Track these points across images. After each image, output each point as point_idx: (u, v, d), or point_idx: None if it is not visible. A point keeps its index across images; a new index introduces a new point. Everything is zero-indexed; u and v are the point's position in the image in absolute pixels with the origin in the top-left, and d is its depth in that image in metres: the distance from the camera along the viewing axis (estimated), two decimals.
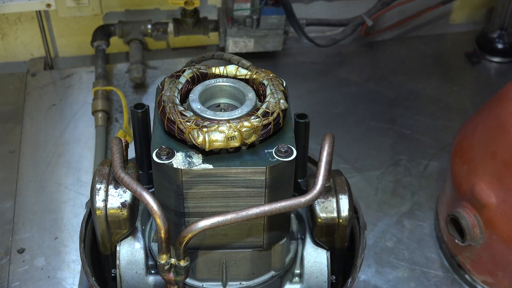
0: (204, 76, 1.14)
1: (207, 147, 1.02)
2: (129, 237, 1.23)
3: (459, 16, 2.54)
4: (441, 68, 2.33)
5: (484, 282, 1.60)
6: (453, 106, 2.16)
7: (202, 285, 1.20)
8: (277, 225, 1.14)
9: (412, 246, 1.73)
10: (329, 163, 1.08)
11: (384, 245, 1.73)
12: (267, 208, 1.02)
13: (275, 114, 1.05)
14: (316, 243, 1.25)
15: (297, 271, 1.26)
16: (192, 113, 1.06)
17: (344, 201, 1.21)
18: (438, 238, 1.73)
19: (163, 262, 1.06)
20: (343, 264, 1.30)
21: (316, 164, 1.19)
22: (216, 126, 1.02)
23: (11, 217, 1.75)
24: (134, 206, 1.21)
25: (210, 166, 1.03)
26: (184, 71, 1.14)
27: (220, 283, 1.20)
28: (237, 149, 1.05)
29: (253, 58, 2.18)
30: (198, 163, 1.03)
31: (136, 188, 1.03)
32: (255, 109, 1.07)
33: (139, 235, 1.24)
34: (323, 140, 1.11)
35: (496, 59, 2.36)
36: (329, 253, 1.25)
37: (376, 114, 2.10)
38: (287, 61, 2.32)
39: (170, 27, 2.18)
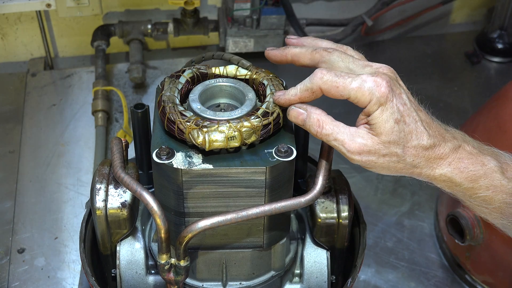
0: (204, 76, 1.14)
1: (207, 147, 1.02)
2: (129, 237, 1.23)
3: (459, 16, 2.55)
4: (441, 68, 2.33)
5: (484, 282, 1.60)
6: (453, 106, 2.16)
7: (202, 285, 1.20)
8: (277, 225, 1.14)
9: (412, 246, 1.73)
10: (329, 163, 1.08)
11: (384, 245, 1.73)
12: (267, 208, 1.02)
13: (275, 114, 1.05)
14: (316, 243, 1.25)
15: (297, 271, 1.26)
16: (192, 113, 1.06)
17: (344, 201, 1.21)
18: (438, 238, 1.73)
19: (163, 262, 1.06)
20: (343, 264, 1.30)
21: (316, 164, 1.19)
22: (216, 126, 1.02)
23: (11, 217, 1.75)
24: (134, 206, 1.21)
25: (210, 166, 1.03)
26: (184, 71, 1.14)
27: (220, 283, 1.20)
28: (237, 149, 1.05)
29: (253, 58, 2.18)
30: (198, 163, 1.03)
31: (136, 188, 1.03)
32: (255, 109, 1.07)
33: (139, 235, 1.24)
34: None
35: (496, 59, 2.36)
36: (329, 253, 1.25)
37: None
38: None
39: (170, 27, 2.18)
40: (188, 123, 1.03)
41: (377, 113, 0.95)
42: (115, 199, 1.18)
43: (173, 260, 1.07)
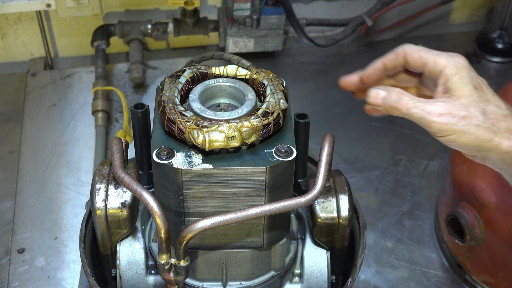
0: (204, 76, 1.14)
1: (207, 147, 1.02)
2: (129, 237, 1.23)
3: (459, 16, 2.55)
4: None
5: (484, 282, 1.60)
6: None
7: (202, 285, 1.20)
8: (277, 225, 1.14)
9: (412, 246, 1.73)
10: (329, 163, 1.08)
11: (384, 245, 1.73)
12: (267, 208, 1.02)
13: (275, 114, 1.05)
14: (316, 243, 1.25)
15: (297, 271, 1.26)
16: (192, 113, 1.06)
17: (344, 201, 1.21)
18: (438, 238, 1.73)
19: (163, 262, 1.06)
20: (343, 264, 1.30)
21: (316, 164, 1.19)
22: (216, 126, 1.02)
23: (11, 217, 1.75)
24: (134, 206, 1.21)
25: (210, 166, 1.03)
26: (184, 71, 1.14)
27: (220, 283, 1.20)
28: (237, 149, 1.05)
29: (253, 58, 2.18)
30: (198, 163, 1.03)
31: (136, 188, 1.03)
32: (255, 109, 1.07)
33: (139, 235, 1.24)
34: (323, 140, 1.11)
35: (496, 59, 2.36)
36: (329, 253, 1.25)
37: None
38: (287, 61, 2.32)
39: (170, 27, 2.18)
40: (188, 123, 1.03)
41: (455, 78, 0.98)
42: (115, 199, 1.18)
43: (173, 260, 1.07)
